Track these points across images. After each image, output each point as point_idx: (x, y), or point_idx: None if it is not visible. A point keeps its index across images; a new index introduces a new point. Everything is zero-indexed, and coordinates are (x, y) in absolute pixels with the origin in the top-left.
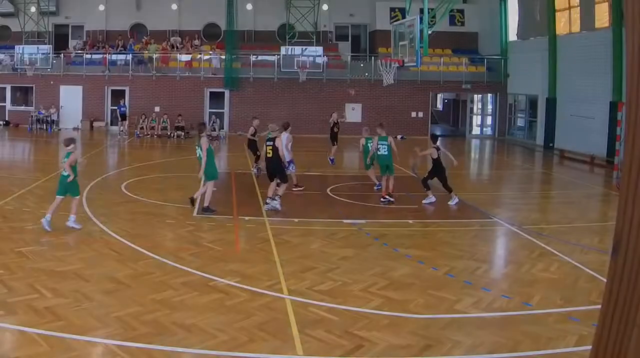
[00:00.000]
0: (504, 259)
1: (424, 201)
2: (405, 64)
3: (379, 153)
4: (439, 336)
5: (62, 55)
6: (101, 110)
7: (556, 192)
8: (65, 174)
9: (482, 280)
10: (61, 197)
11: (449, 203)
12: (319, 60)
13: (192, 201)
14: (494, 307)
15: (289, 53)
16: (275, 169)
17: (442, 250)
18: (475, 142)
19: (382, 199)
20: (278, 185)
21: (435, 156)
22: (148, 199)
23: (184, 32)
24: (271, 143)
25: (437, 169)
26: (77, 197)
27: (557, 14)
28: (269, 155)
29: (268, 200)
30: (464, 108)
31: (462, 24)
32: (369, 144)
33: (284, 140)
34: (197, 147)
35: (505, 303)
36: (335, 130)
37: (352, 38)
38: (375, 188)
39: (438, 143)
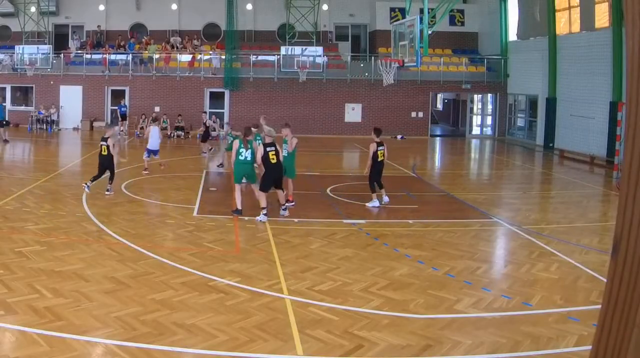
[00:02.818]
0: (504, 259)
1: (368, 204)
2: (405, 64)
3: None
4: (439, 336)
5: (62, 55)
6: (101, 110)
7: (556, 192)
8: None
9: (482, 280)
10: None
11: (367, 204)
12: (319, 60)
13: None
14: (494, 307)
15: (289, 53)
16: (281, 174)
17: (442, 250)
18: (475, 142)
19: (290, 203)
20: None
21: (375, 149)
22: (148, 199)
23: (184, 32)
24: (273, 148)
25: (377, 165)
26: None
27: (557, 14)
28: (274, 161)
29: (285, 207)
30: (464, 108)
31: (462, 24)
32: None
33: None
34: (244, 150)
35: (505, 303)
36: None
37: (352, 38)
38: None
39: (380, 138)
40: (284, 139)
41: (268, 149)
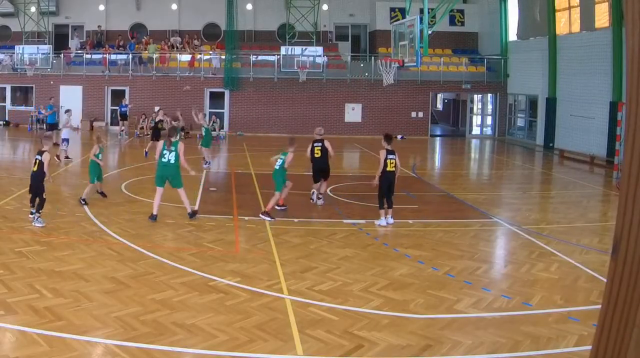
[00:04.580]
0: (504, 259)
1: (376, 222)
2: (405, 64)
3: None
4: (439, 336)
5: (62, 55)
6: (101, 110)
7: (556, 192)
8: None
9: (482, 280)
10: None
11: (376, 222)
12: (319, 60)
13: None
14: (494, 307)
15: (289, 53)
16: (325, 168)
17: (442, 250)
18: (475, 142)
19: (282, 207)
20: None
21: (384, 157)
22: (148, 199)
23: (184, 32)
24: (320, 144)
25: (385, 176)
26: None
27: (557, 14)
28: (317, 156)
29: (320, 196)
30: (464, 108)
31: (462, 24)
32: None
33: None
34: (167, 152)
35: (505, 303)
36: (160, 126)
37: (352, 38)
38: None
39: (391, 146)
40: (285, 152)
41: (315, 144)
